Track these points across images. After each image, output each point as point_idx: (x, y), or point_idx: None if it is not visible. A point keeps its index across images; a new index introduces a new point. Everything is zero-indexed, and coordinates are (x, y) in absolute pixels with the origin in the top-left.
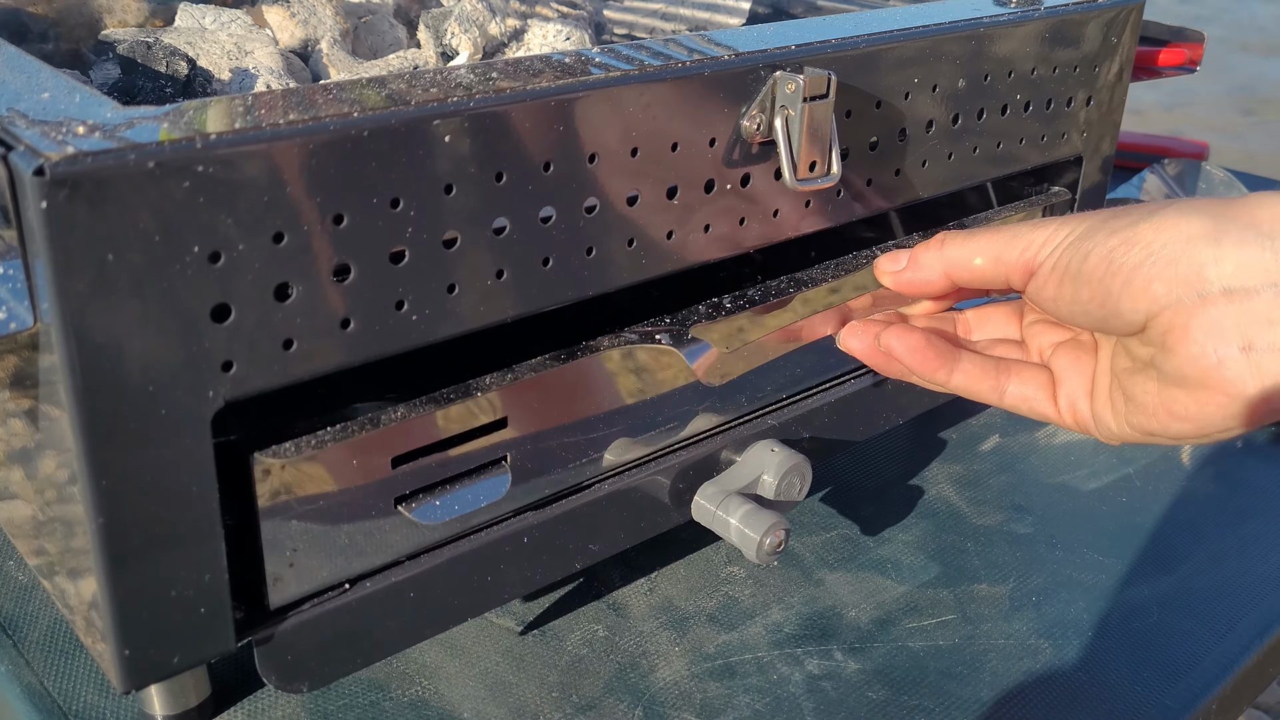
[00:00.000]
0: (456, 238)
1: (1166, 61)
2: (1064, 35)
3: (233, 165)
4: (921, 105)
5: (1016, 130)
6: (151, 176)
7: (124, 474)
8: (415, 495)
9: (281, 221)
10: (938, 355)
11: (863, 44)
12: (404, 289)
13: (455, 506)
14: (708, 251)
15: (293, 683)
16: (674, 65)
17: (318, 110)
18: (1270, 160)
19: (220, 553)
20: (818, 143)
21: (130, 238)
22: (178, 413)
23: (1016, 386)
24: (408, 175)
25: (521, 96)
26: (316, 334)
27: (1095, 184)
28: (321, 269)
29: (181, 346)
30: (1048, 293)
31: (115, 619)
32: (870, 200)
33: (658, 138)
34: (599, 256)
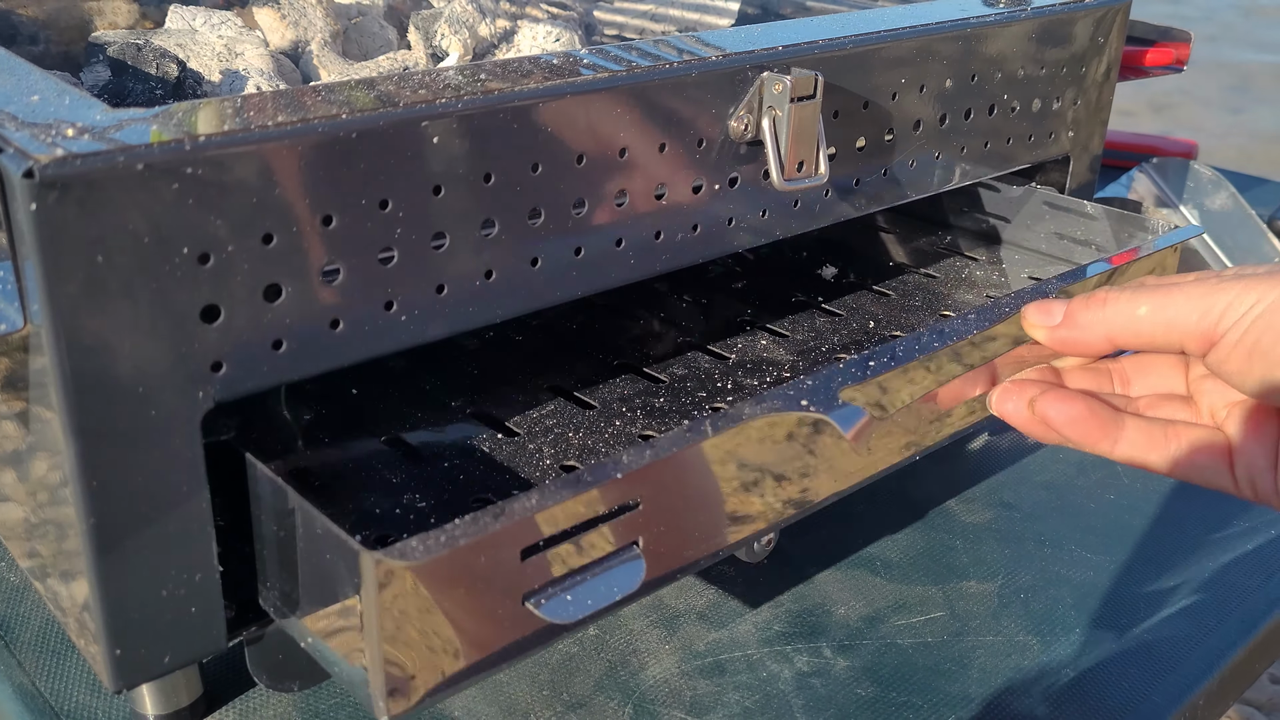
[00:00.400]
0: (445, 239)
1: (1154, 61)
2: (1051, 35)
3: (221, 167)
4: (909, 105)
5: (1004, 130)
6: (141, 178)
7: (114, 475)
8: (545, 589)
9: (270, 223)
10: (1100, 425)
11: (850, 44)
12: (393, 289)
13: (589, 601)
14: (697, 252)
15: (283, 682)
16: (661, 66)
17: (306, 112)
18: (1264, 158)
19: (211, 552)
20: (805, 143)
21: (120, 239)
22: (168, 414)
23: (1186, 454)
24: (396, 177)
25: (510, 98)
26: (306, 335)
27: (1083, 183)
28: (311, 270)
29: (171, 348)
30: (1232, 366)
31: (106, 618)
32: (858, 200)
33: (645, 139)
34: (587, 257)
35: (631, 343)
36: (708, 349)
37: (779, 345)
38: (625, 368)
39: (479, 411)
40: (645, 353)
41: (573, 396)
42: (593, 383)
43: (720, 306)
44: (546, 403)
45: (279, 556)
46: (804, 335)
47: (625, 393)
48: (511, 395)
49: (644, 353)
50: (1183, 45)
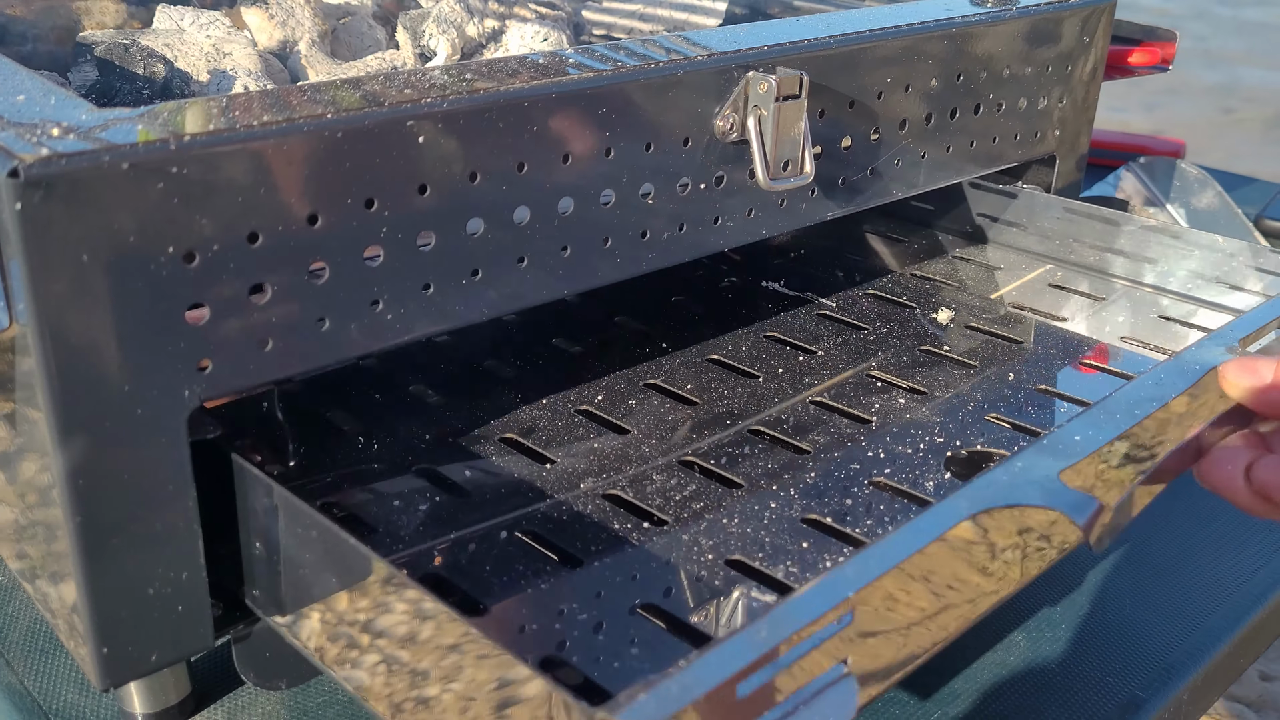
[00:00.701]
0: (431, 237)
1: (1139, 61)
2: (1036, 35)
3: (207, 166)
4: (895, 105)
5: (990, 129)
6: (126, 178)
7: (100, 473)
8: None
9: (255, 222)
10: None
11: (835, 44)
12: (379, 288)
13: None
14: (683, 251)
15: (271, 679)
16: (647, 66)
17: (291, 112)
18: (1252, 158)
19: (198, 551)
20: (791, 142)
21: (105, 239)
22: (154, 412)
23: None
24: (381, 175)
25: (495, 98)
26: (292, 334)
27: (1070, 182)
28: (296, 269)
29: (157, 347)
30: None
31: (93, 616)
32: (844, 199)
33: (631, 138)
34: (574, 255)
35: (752, 399)
36: (844, 410)
37: (920, 404)
38: (759, 434)
39: (614, 495)
40: (776, 416)
41: (714, 473)
42: (727, 452)
43: (840, 356)
44: (685, 480)
45: (266, 555)
46: (941, 391)
47: (769, 465)
48: (644, 473)
49: (774, 416)
50: (1168, 44)
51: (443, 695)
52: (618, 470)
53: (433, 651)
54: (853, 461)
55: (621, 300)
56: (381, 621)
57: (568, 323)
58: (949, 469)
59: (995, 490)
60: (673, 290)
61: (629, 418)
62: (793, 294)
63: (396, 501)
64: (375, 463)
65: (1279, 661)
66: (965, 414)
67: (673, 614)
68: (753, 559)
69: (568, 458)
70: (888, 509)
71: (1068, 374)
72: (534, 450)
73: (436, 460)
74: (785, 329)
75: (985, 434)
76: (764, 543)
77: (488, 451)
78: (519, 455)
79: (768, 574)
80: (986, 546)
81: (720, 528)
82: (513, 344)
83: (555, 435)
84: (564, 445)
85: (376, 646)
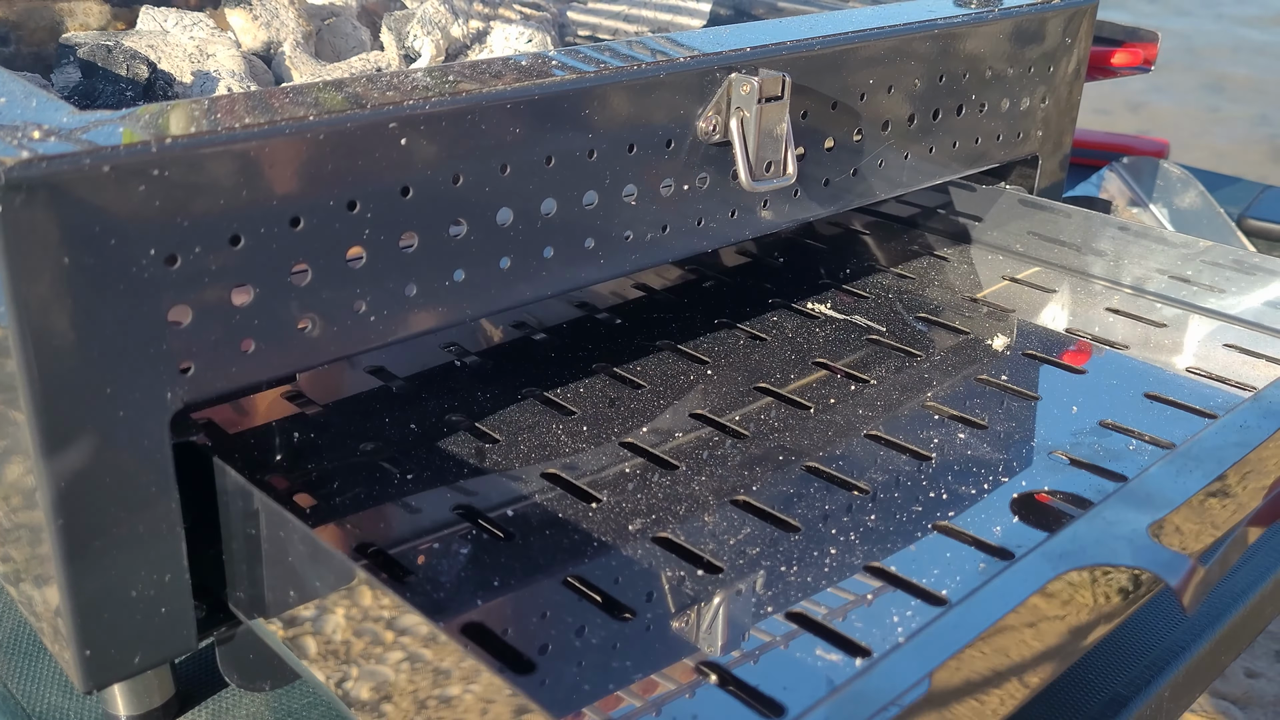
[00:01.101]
0: (414, 239)
1: (1121, 62)
2: (1019, 36)
3: (188, 169)
4: (878, 106)
5: (973, 130)
6: (107, 180)
7: (82, 476)
8: None
9: (238, 224)
10: None
11: (818, 45)
12: (361, 290)
13: None
14: (666, 253)
15: (255, 681)
16: (630, 68)
17: (274, 114)
18: (1239, 158)
19: (181, 553)
20: (773, 144)
21: (87, 241)
22: (136, 415)
23: None
24: (363, 178)
25: (478, 100)
26: (275, 336)
27: (1052, 182)
28: (279, 271)
29: (139, 349)
30: None
31: (75, 619)
32: (827, 200)
33: (614, 139)
34: (557, 257)
35: (805, 433)
36: (903, 445)
37: (980, 439)
38: (817, 472)
39: (667, 540)
40: (830, 451)
41: (768, 515)
42: (780, 491)
43: (895, 386)
44: (739, 523)
45: (247, 558)
46: (1003, 424)
47: (825, 507)
48: (693, 514)
49: (829, 452)
50: (1150, 45)
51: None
52: (665, 510)
53: (403, 653)
54: (913, 503)
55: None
56: (359, 628)
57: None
58: (1015, 513)
59: (1081, 546)
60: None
61: (679, 454)
62: (841, 317)
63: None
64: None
65: (1265, 658)
66: (1028, 449)
67: (742, 679)
68: (815, 613)
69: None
70: (954, 555)
71: (1134, 405)
72: (574, 485)
73: (473, 496)
74: (832, 354)
75: (1051, 473)
76: (825, 592)
77: (527, 488)
78: (558, 490)
79: (836, 631)
80: (1068, 605)
81: (780, 577)
82: (545, 362)
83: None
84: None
85: (355, 652)
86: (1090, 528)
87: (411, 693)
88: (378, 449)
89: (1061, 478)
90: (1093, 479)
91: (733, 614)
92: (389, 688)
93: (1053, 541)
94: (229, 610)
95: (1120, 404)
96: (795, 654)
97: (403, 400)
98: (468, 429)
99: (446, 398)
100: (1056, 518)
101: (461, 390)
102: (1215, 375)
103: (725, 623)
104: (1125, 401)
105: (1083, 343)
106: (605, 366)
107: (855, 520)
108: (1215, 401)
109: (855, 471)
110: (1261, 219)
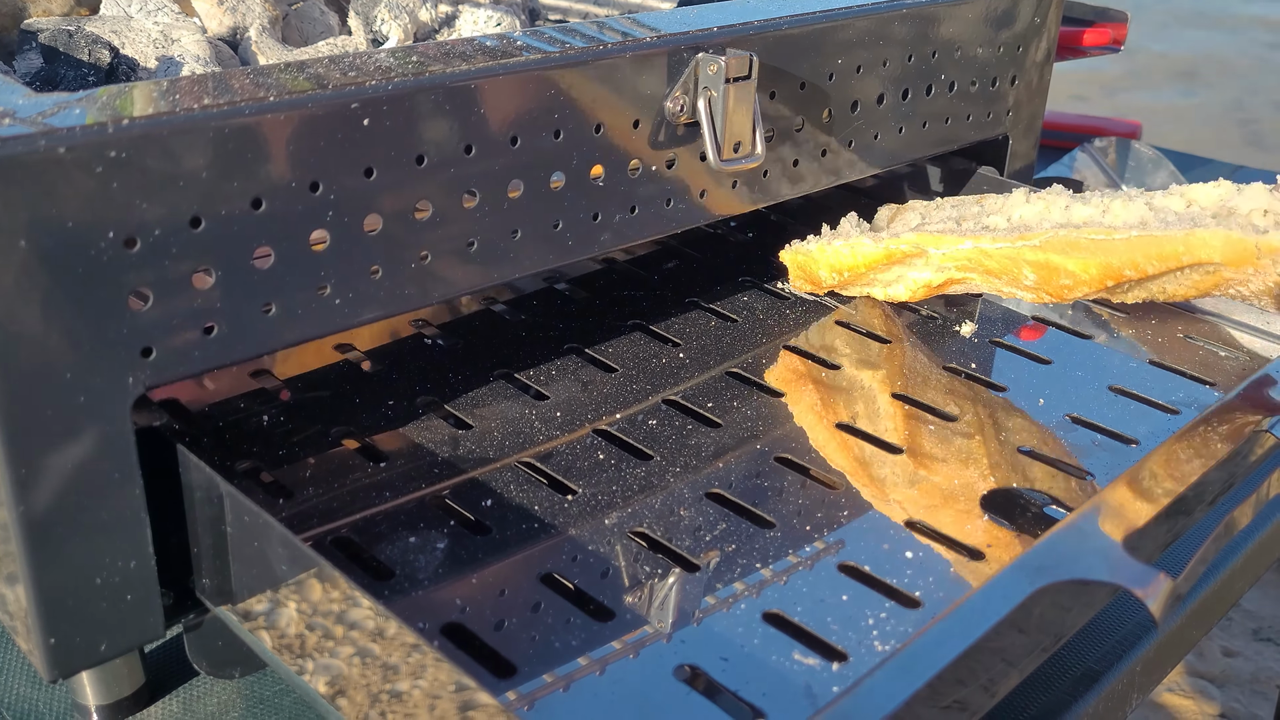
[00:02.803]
0: (378, 221)
1: (1091, 41)
2: (989, 15)
3: (146, 150)
4: (846, 86)
5: (942, 110)
6: (62, 162)
7: (43, 462)
8: None
9: (198, 206)
10: None
11: (785, 25)
12: (325, 273)
13: None
14: (635, 233)
15: (224, 668)
16: (595, 48)
17: (233, 95)
18: (1211, 139)
19: (146, 539)
20: (741, 123)
21: (44, 224)
22: (97, 400)
23: None
24: (326, 159)
25: (442, 80)
26: (238, 319)
27: (1023, 162)
28: (241, 254)
29: (99, 333)
30: None
31: (39, 607)
32: (796, 180)
33: (580, 120)
34: (524, 238)
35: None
36: (873, 436)
37: (949, 431)
38: (787, 463)
39: (777, 617)
40: (802, 442)
41: (746, 510)
42: (754, 483)
43: (860, 379)
44: (715, 518)
45: (213, 546)
46: (971, 414)
47: (801, 502)
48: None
49: (800, 443)
50: (1120, 25)
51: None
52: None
53: (359, 638)
54: (884, 501)
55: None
56: (323, 614)
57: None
58: (986, 510)
59: (1058, 560)
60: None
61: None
62: (811, 298)
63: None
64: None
65: (1241, 637)
66: (997, 443)
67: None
68: (792, 614)
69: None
70: (927, 556)
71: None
72: (549, 474)
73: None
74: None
75: (1022, 469)
76: (801, 593)
77: (500, 475)
78: (533, 478)
79: (812, 634)
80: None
81: (754, 573)
82: (516, 342)
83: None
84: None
85: (321, 638)
86: (1065, 539)
87: (364, 687)
88: (346, 432)
89: (1032, 473)
90: (1059, 476)
91: (708, 611)
92: (343, 681)
93: (1029, 554)
94: (197, 597)
95: (1086, 398)
96: (771, 656)
97: (373, 381)
98: (437, 411)
99: (416, 377)
100: (1025, 513)
101: (431, 370)
102: (1177, 369)
103: (701, 621)
104: (1090, 395)
105: (1038, 323)
106: (577, 347)
107: (829, 517)
108: (1177, 396)
109: (825, 466)
110: None
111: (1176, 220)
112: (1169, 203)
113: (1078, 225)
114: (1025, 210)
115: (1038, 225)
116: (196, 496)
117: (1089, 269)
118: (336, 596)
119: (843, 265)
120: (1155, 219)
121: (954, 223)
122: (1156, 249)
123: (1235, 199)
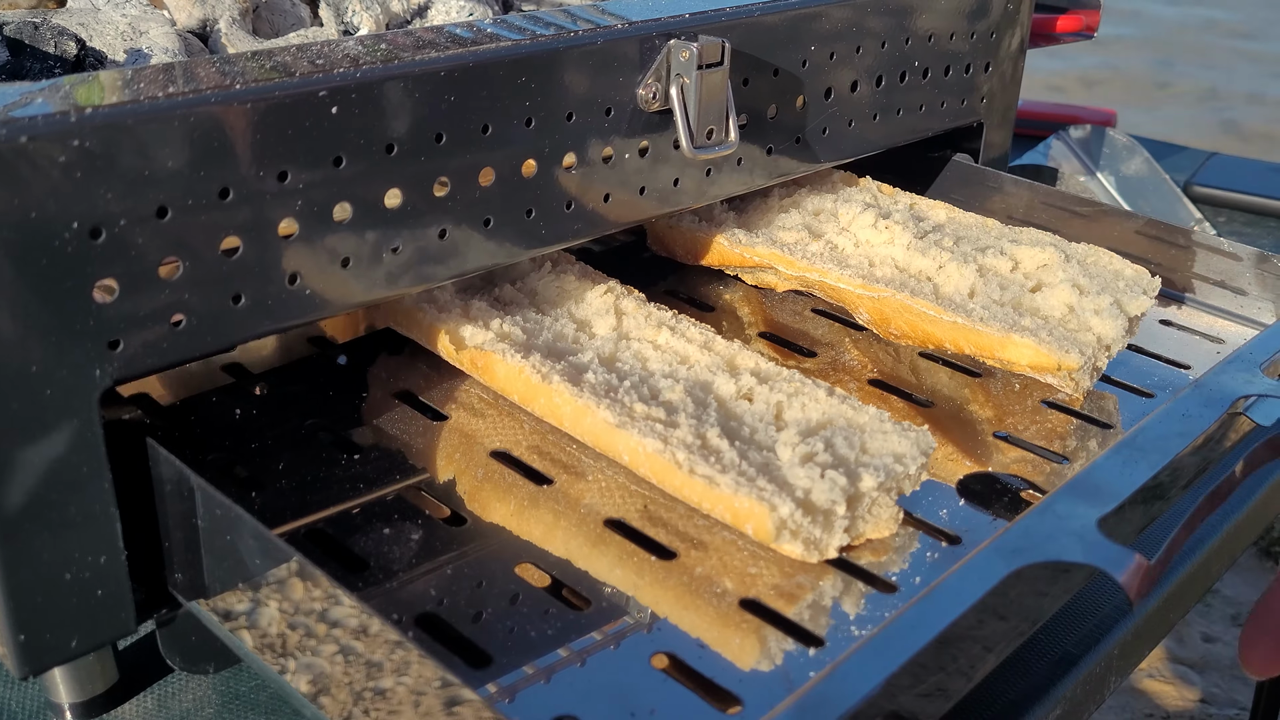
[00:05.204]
0: (348, 210)
1: (1064, 28)
2: (961, 1)
3: (110, 139)
4: (820, 72)
5: (916, 97)
6: (24, 152)
7: (9, 457)
8: None
9: (164, 196)
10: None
11: (758, 12)
12: (295, 263)
13: None
14: (609, 222)
15: (198, 664)
16: (566, 35)
17: (198, 83)
18: (1187, 130)
19: (116, 534)
20: (714, 111)
21: (6, 215)
22: (63, 394)
23: None
24: (294, 148)
25: (410, 67)
26: (206, 310)
27: (997, 150)
28: (209, 245)
29: (65, 326)
30: None
31: (8, 603)
32: (770, 168)
33: (552, 108)
34: (496, 227)
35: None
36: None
37: (923, 418)
38: None
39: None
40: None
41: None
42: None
43: (829, 365)
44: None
45: (184, 540)
46: (944, 400)
47: None
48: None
49: None
50: (1092, 12)
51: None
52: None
53: (334, 630)
54: None
55: None
56: (299, 608)
57: None
58: (962, 495)
59: (1033, 542)
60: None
61: None
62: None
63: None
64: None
65: (1221, 623)
66: (970, 430)
67: (698, 671)
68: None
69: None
70: (904, 540)
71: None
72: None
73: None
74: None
75: (993, 454)
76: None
77: (476, 469)
78: (508, 470)
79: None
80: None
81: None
82: None
83: None
84: None
85: (295, 634)
86: (1041, 521)
87: (347, 684)
88: (318, 424)
89: (1005, 458)
90: (1034, 459)
91: (684, 598)
92: (326, 680)
93: (1005, 536)
94: (169, 592)
95: None
96: (748, 642)
97: (344, 371)
98: (406, 401)
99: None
100: (1000, 498)
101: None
102: (1150, 352)
103: (677, 609)
104: None
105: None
106: None
107: None
108: (1152, 379)
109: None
110: (1207, 186)
111: (999, 308)
112: (999, 264)
113: (914, 274)
114: (872, 235)
115: (879, 262)
116: (167, 490)
117: (916, 333)
118: (316, 592)
119: (697, 253)
120: (982, 287)
121: (807, 231)
122: (975, 340)
123: (1059, 267)
